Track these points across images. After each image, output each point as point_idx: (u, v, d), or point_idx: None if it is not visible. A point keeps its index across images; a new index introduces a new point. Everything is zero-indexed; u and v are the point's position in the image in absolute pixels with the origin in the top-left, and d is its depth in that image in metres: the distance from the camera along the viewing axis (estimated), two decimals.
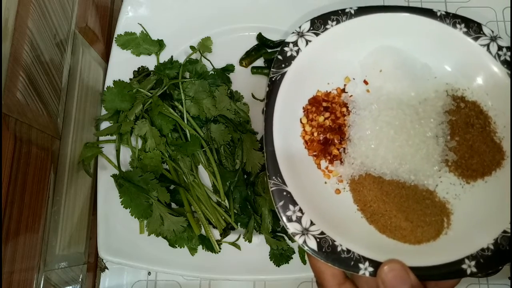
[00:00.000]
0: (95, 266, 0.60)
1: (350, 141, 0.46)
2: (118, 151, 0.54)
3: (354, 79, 0.50)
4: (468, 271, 0.37)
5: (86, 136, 0.55)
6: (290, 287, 0.59)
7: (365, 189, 0.44)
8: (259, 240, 0.54)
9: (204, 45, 0.60)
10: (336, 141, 0.47)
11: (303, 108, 0.48)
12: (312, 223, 0.39)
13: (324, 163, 0.47)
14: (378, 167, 0.45)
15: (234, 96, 0.59)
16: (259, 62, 0.62)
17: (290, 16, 0.60)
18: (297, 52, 0.46)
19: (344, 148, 0.47)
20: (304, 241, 0.39)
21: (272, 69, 0.45)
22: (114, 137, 0.55)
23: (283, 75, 0.45)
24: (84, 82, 0.54)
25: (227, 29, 0.62)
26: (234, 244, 0.54)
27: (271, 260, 0.53)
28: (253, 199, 0.55)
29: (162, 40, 0.60)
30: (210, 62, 0.61)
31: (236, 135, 0.55)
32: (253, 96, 0.61)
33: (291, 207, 0.40)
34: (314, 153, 0.47)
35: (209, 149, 0.55)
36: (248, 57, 0.61)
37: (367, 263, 0.37)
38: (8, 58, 0.37)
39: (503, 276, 0.59)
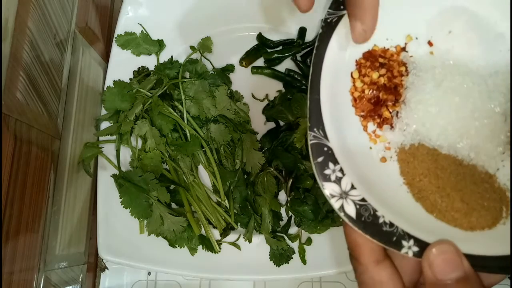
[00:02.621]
0: (95, 266, 0.60)
1: (406, 104, 0.41)
2: (118, 151, 0.54)
3: (417, 38, 0.44)
4: None
5: (86, 136, 0.55)
6: (290, 287, 0.59)
7: (416, 161, 0.39)
8: (259, 240, 0.54)
9: (204, 45, 0.60)
10: (389, 102, 0.41)
11: (356, 61, 0.42)
12: (353, 187, 0.34)
13: (371, 126, 0.41)
14: (434, 138, 0.39)
15: (234, 96, 0.59)
16: (259, 62, 0.62)
17: (290, 16, 0.60)
18: None
19: (397, 112, 0.41)
20: (342, 206, 0.33)
21: (328, 10, 0.39)
22: (114, 137, 0.55)
23: (340, 17, 0.39)
24: (84, 82, 0.54)
25: (227, 29, 0.62)
26: (234, 244, 0.54)
27: (271, 260, 0.53)
28: (253, 199, 0.55)
29: (162, 40, 0.60)
30: (210, 62, 0.61)
31: (236, 135, 0.55)
32: (253, 96, 0.61)
33: (331, 165, 0.35)
34: (362, 113, 0.41)
35: (209, 149, 0.55)
36: (248, 57, 0.61)
37: (411, 241, 0.32)
38: (8, 58, 0.37)
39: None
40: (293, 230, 0.55)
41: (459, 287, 0.29)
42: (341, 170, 0.35)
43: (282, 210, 0.56)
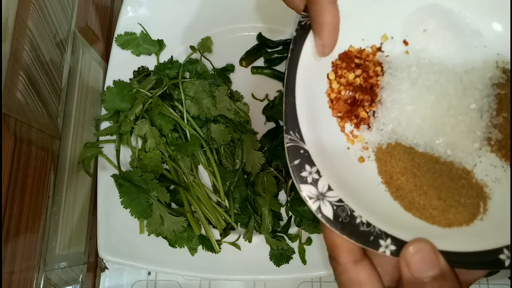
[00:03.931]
0: (95, 266, 0.60)
1: (382, 104, 0.41)
2: (118, 151, 0.54)
3: (392, 38, 0.44)
4: (507, 263, 0.32)
5: (86, 136, 0.55)
6: (290, 287, 0.59)
7: (393, 160, 0.39)
8: (259, 240, 0.54)
9: (204, 45, 0.60)
10: (365, 102, 0.42)
11: (332, 63, 0.43)
12: (329, 188, 0.35)
13: (349, 127, 0.42)
14: (411, 137, 0.40)
15: (234, 96, 0.59)
16: (259, 62, 0.62)
17: (290, 16, 0.60)
18: None
19: (374, 112, 0.42)
20: (319, 208, 0.34)
21: (302, 12, 0.40)
22: (114, 137, 0.55)
23: None
24: (84, 82, 0.54)
25: (227, 29, 0.62)
26: (234, 244, 0.54)
27: (271, 260, 0.53)
28: (253, 199, 0.55)
29: (162, 40, 0.60)
30: (210, 62, 0.61)
31: (236, 135, 0.55)
32: (253, 96, 0.61)
33: (307, 167, 0.35)
34: (339, 114, 0.42)
35: (209, 149, 0.55)
36: (248, 57, 0.61)
37: (388, 240, 0.33)
38: (8, 58, 0.37)
39: (503, 276, 0.59)
40: (293, 230, 0.55)
41: (436, 284, 0.30)
42: (318, 172, 0.35)
43: (282, 210, 0.56)
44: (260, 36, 0.61)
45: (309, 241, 0.54)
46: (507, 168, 0.40)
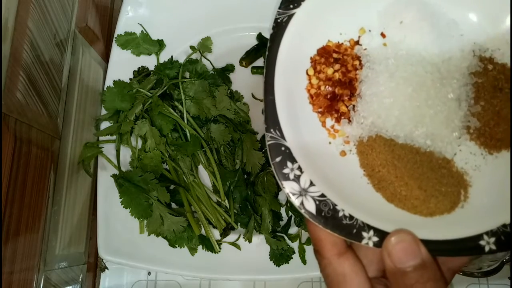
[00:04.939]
0: (95, 266, 0.60)
1: (361, 97, 0.42)
2: (118, 151, 0.54)
3: (370, 31, 0.44)
4: (487, 248, 0.33)
5: (86, 136, 0.55)
6: (290, 287, 0.59)
7: (374, 152, 0.40)
8: (259, 240, 0.54)
9: (204, 45, 0.60)
10: (345, 97, 0.42)
11: (311, 58, 0.43)
12: (312, 184, 0.35)
13: (330, 121, 0.42)
14: (390, 129, 0.40)
15: (234, 96, 0.59)
16: (259, 62, 0.62)
17: None
18: None
19: (354, 106, 0.42)
20: (302, 203, 0.34)
21: (278, 10, 0.40)
22: (114, 137, 0.55)
23: (290, 17, 0.40)
24: (84, 82, 0.54)
25: (227, 29, 0.62)
26: (234, 244, 0.54)
27: (271, 260, 0.53)
28: (253, 199, 0.55)
29: (162, 40, 0.60)
30: (210, 62, 0.61)
31: (236, 135, 0.55)
32: (253, 96, 0.61)
33: (289, 164, 0.36)
34: (319, 110, 0.42)
35: (209, 149, 0.55)
36: (248, 57, 0.61)
37: (371, 232, 0.33)
38: (8, 58, 0.37)
39: (503, 276, 0.59)
40: (293, 230, 0.55)
41: (417, 274, 0.31)
42: (299, 168, 0.36)
43: (282, 210, 0.56)
44: (260, 36, 0.61)
45: (309, 241, 0.54)
46: (487, 155, 0.40)
